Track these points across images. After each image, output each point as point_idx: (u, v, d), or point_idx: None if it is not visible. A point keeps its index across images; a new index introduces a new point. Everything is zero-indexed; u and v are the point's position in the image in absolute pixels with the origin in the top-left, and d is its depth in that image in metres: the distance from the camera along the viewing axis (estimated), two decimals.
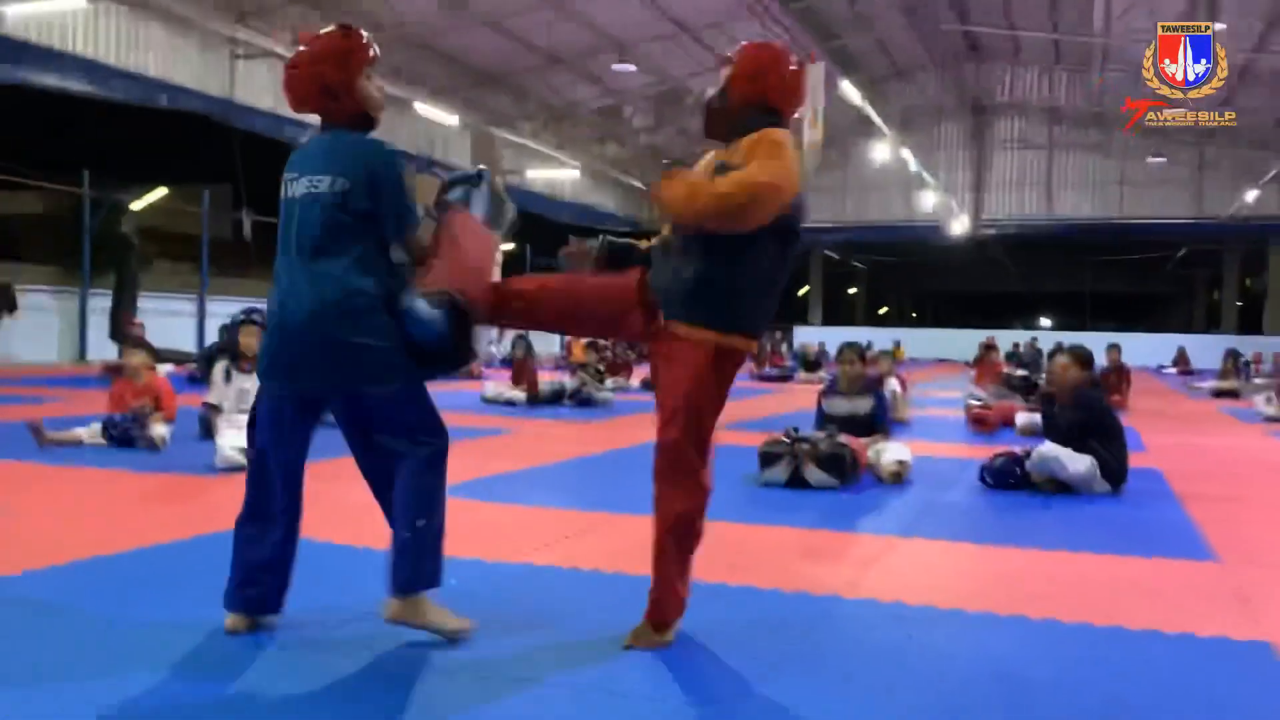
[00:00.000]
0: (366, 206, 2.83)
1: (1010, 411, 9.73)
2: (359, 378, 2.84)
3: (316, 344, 2.80)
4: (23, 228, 28.22)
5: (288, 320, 2.84)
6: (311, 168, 2.88)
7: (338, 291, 2.79)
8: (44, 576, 3.48)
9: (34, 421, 6.62)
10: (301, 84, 2.94)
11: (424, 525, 2.87)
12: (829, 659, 2.89)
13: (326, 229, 2.82)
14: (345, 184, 2.82)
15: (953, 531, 4.84)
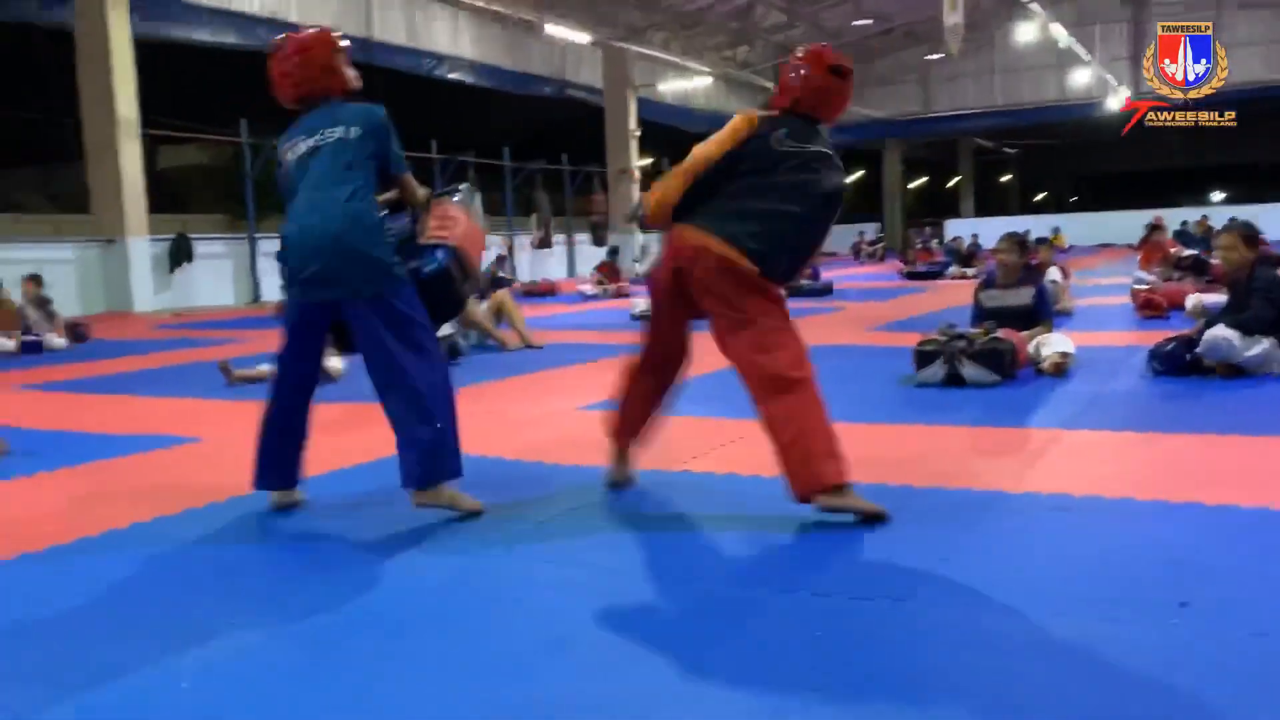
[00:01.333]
0: (373, 148, 3.45)
1: (1180, 293, 9.30)
2: (377, 281, 3.33)
3: (340, 255, 3.31)
4: (190, 180, 29.78)
5: (308, 240, 3.36)
6: (319, 127, 3.46)
7: (354, 213, 3.34)
8: (245, 502, 3.77)
9: (222, 361, 7.11)
10: (304, 68, 3.53)
11: (442, 425, 3.35)
12: (996, 551, 2.92)
13: (343, 166, 3.40)
14: (358, 131, 3.44)
15: (1119, 421, 4.73)
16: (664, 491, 3.71)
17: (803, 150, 3.40)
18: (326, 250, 3.31)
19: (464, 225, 3.72)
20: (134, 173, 14.92)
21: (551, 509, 3.51)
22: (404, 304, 3.37)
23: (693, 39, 27.37)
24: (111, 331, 11.90)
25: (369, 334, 3.36)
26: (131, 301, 14.78)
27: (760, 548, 3.07)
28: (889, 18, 29.97)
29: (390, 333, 3.33)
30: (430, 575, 2.92)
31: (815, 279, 14.85)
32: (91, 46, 14.55)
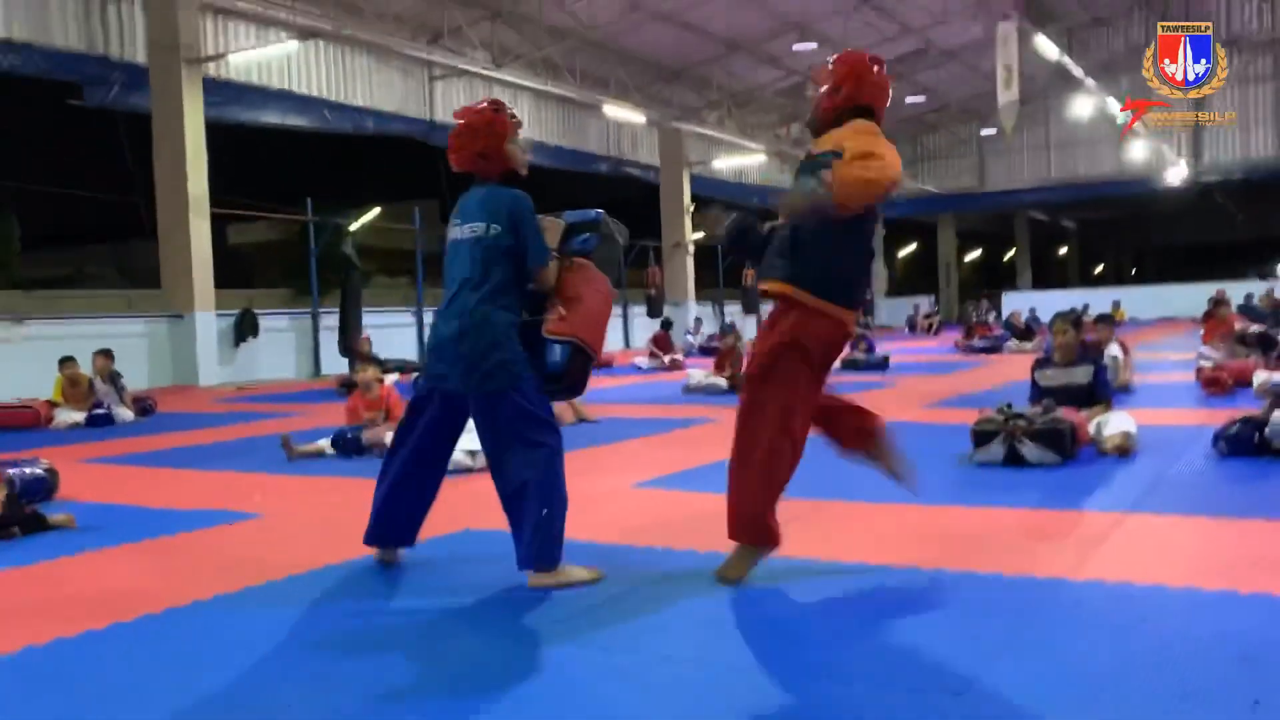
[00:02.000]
0: (510, 243, 3.63)
1: (1246, 370, 9.11)
2: (496, 381, 3.56)
3: (462, 359, 3.58)
4: (256, 256, 30.60)
5: (438, 338, 3.69)
6: (471, 216, 3.71)
7: (481, 317, 3.58)
8: (304, 581, 3.82)
9: (284, 436, 7.24)
10: (460, 150, 3.78)
11: (546, 514, 3.52)
12: (1057, 643, 2.85)
13: (482, 264, 3.63)
14: (497, 228, 3.63)
15: (1185, 505, 4.62)
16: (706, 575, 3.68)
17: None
18: (449, 352, 3.62)
19: (586, 302, 3.75)
20: (203, 249, 15.38)
21: (604, 593, 3.51)
22: (522, 398, 3.58)
23: (745, 117, 27.74)
24: (177, 405, 12.18)
25: (485, 426, 3.64)
26: (197, 375, 15.13)
27: (813, 636, 3.03)
28: (943, 94, 30.17)
29: (504, 428, 3.58)
30: (489, 657, 2.92)
31: (870, 352, 14.78)
32: (166, 130, 15.14)
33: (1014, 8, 19.22)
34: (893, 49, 25.00)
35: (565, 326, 3.67)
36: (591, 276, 3.81)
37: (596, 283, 3.81)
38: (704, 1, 20.38)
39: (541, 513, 3.50)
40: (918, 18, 23.12)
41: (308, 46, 17.18)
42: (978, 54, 26.26)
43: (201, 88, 15.35)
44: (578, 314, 3.71)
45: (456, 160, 3.79)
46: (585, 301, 3.74)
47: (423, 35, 18.39)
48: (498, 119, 3.75)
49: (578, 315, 3.70)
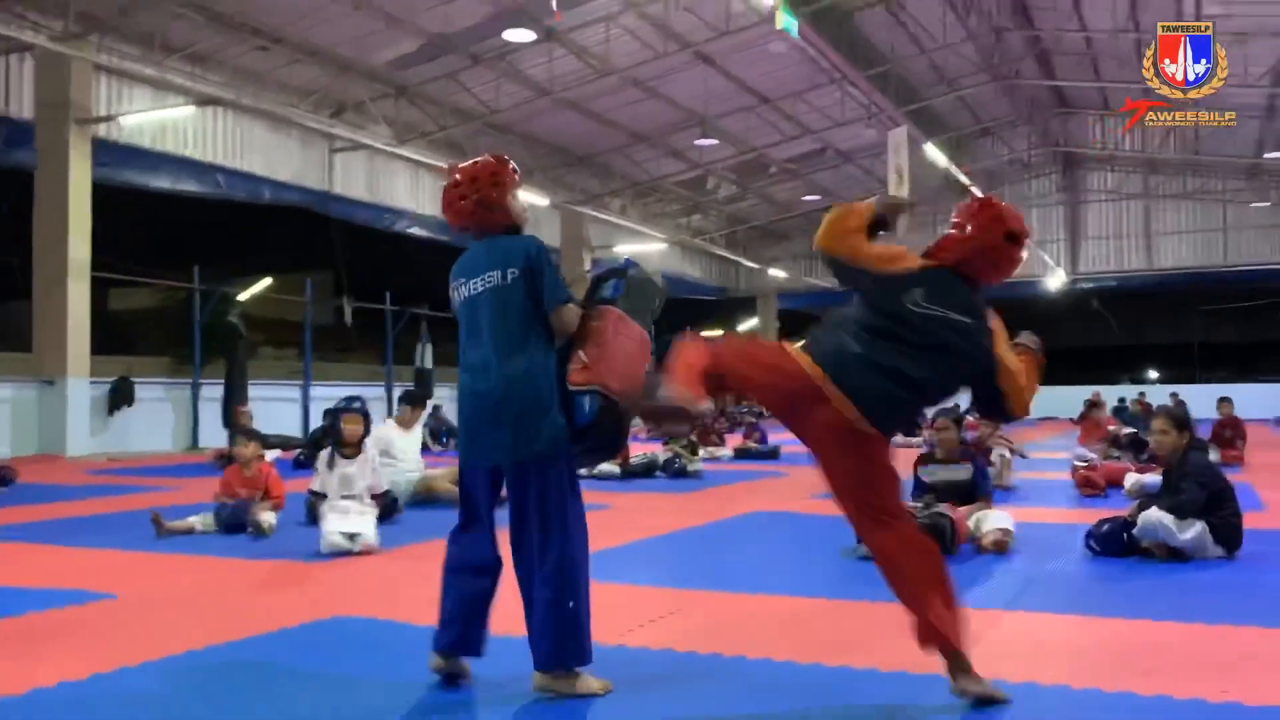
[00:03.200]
0: (531, 288, 3.32)
1: (1118, 472, 9.44)
2: (537, 446, 3.23)
3: (503, 423, 3.25)
4: (137, 322, 29.60)
5: (476, 402, 3.33)
6: (482, 269, 3.38)
7: (517, 374, 3.27)
8: (160, 666, 3.60)
9: (154, 512, 6.91)
10: (461, 201, 3.45)
11: (573, 606, 3.19)
12: None
13: (506, 316, 3.32)
14: (515, 272, 3.33)
15: (1058, 603, 4.71)
16: (598, 668, 3.59)
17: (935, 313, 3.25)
18: (491, 415, 3.28)
19: (612, 348, 3.34)
20: (80, 314, 14.82)
21: (493, 689, 3.38)
22: (567, 467, 3.30)
23: (648, 206, 28.24)
24: (40, 475, 11.56)
25: (523, 497, 3.29)
26: (65, 444, 14.43)
27: None
28: (836, 194, 31.19)
29: (551, 500, 3.25)
30: None
31: (762, 442, 14.92)
32: (50, 189, 14.66)
33: (904, 118, 20.12)
34: (791, 149, 25.90)
35: (589, 375, 3.29)
36: (619, 323, 3.39)
37: (625, 328, 3.39)
38: (609, 93, 20.81)
39: (568, 605, 3.18)
40: (815, 120, 23.98)
41: (205, 111, 16.92)
42: (871, 158, 27.34)
43: (90, 148, 14.95)
44: (603, 361, 3.31)
45: (456, 213, 3.47)
46: (611, 347, 3.33)
47: (325, 108, 18.31)
48: (501, 169, 3.47)
49: (603, 362, 3.30)
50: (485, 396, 3.29)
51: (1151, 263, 32.05)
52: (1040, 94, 26.69)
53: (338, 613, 4.48)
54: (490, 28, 17.26)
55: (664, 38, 18.02)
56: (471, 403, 3.35)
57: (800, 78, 21.71)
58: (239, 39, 16.05)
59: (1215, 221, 31.12)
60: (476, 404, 3.32)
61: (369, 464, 6.90)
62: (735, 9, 16.87)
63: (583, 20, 17.35)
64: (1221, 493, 5.73)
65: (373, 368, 27.69)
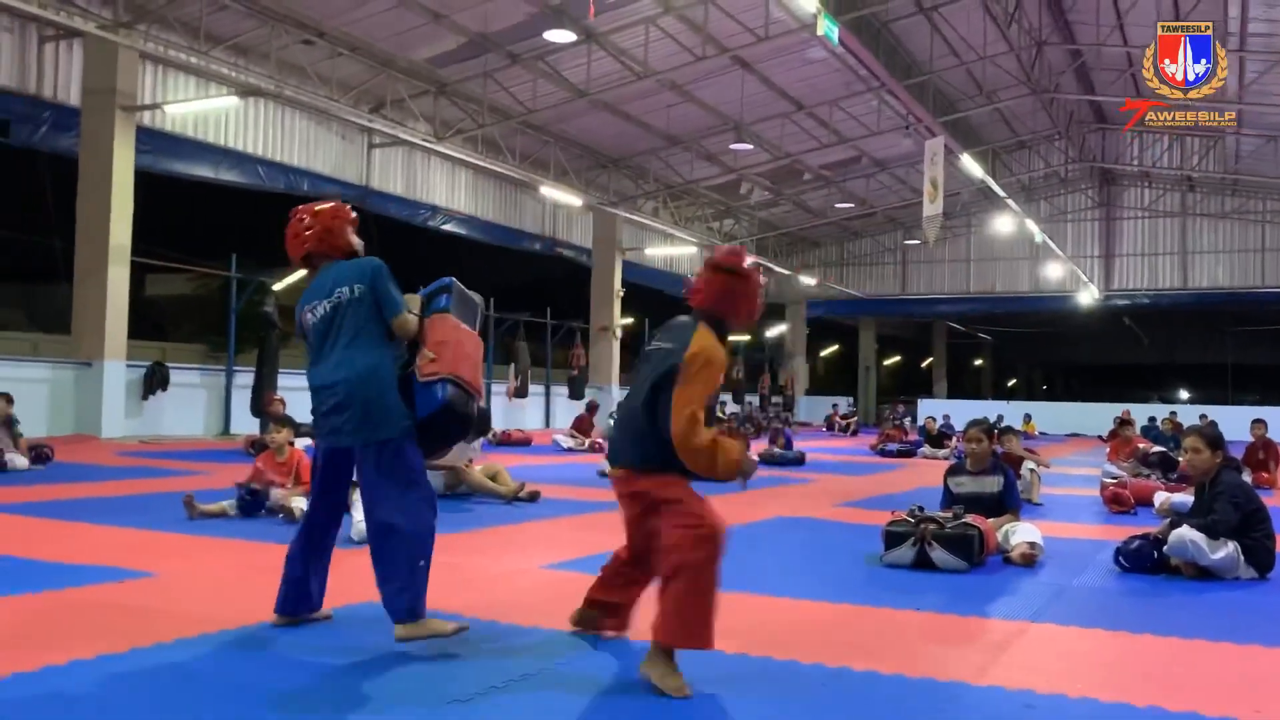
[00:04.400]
0: (372, 299, 3.83)
1: (1148, 490, 9.38)
2: (382, 430, 3.70)
3: (353, 409, 3.72)
4: (172, 309, 29.95)
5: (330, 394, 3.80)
6: (328, 290, 3.88)
7: (366, 367, 3.76)
8: (194, 644, 3.67)
9: (187, 495, 7.01)
10: (305, 233, 3.98)
11: (423, 565, 3.67)
12: None
13: (353, 322, 3.82)
14: (361, 287, 3.85)
15: (1086, 617, 4.70)
16: (626, 660, 3.63)
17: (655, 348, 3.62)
18: (342, 404, 3.75)
19: (453, 346, 3.84)
20: (119, 298, 15.02)
21: (502, 674, 3.43)
22: (408, 447, 3.74)
23: (680, 208, 28.26)
24: (75, 455, 11.74)
25: (368, 478, 3.74)
26: (100, 426, 14.63)
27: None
28: (870, 203, 31.14)
29: (386, 474, 3.70)
30: None
31: (789, 448, 14.92)
32: (94, 175, 14.87)
33: (941, 129, 20.03)
34: (826, 156, 25.85)
35: (438, 366, 3.78)
36: (455, 325, 3.93)
37: (462, 329, 3.94)
38: (646, 95, 20.86)
39: (418, 564, 3.64)
40: (851, 128, 23.94)
41: (247, 103, 17.13)
42: (906, 167, 27.24)
43: (134, 135, 15.15)
44: (447, 354, 3.81)
45: (300, 244, 3.98)
46: (452, 344, 3.85)
47: (365, 103, 18.47)
48: (342, 209, 4.06)
49: (448, 355, 3.81)
50: (334, 390, 3.76)
51: (1186, 281, 31.76)
52: (1079, 109, 26.52)
53: (366, 598, 4.53)
54: (531, 28, 17.36)
55: (703, 41, 18.05)
56: (325, 396, 3.81)
57: (837, 85, 21.68)
58: (282, 31, 16.23)
59: (1253, 242, 30.80)
60: (328, 396, 3.79)
61: None
62: (775, 15, 16.87)
63: (622, 22, 17.41)
64: (1255, 513, 5.70)
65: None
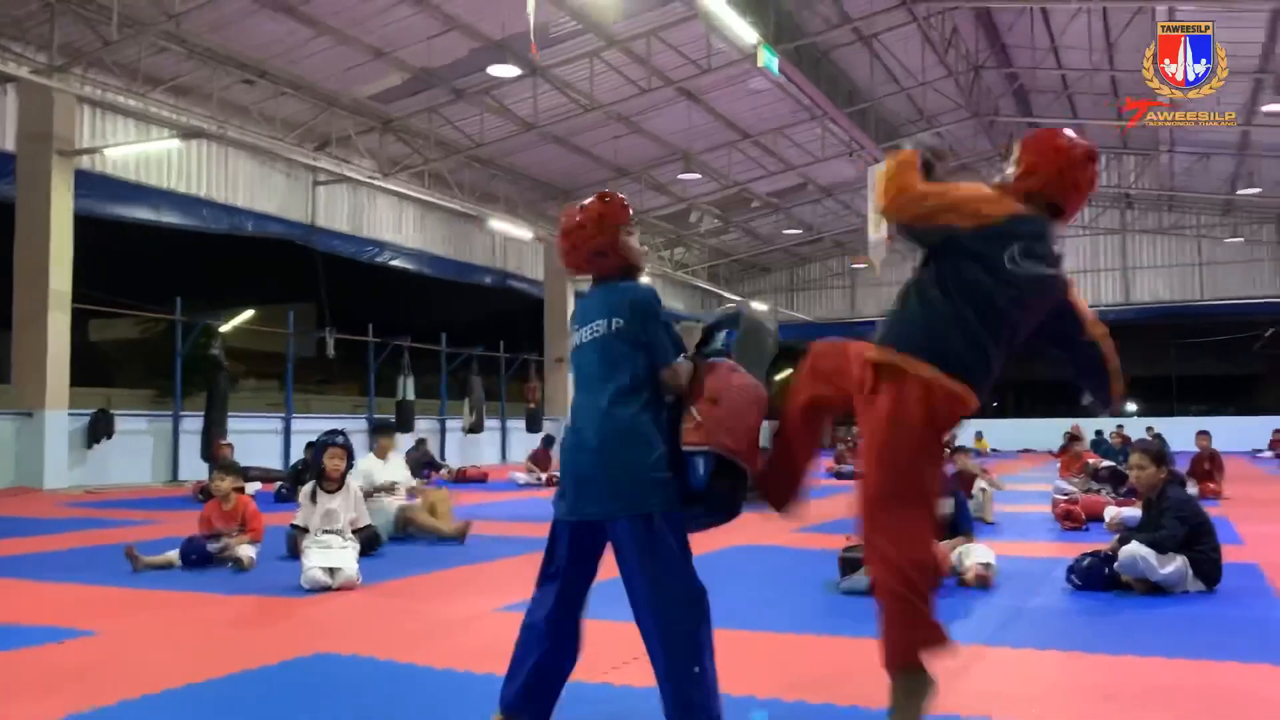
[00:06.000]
0: (638, 337, 3.13)
1: (1098, 506, 9.50)
2: (638, 502, 2.99)
3: (600, 469, 3.03)
4: (118, 353, 29.46)
5: (572, 451, 3.13)
6: (592, 316, 3.22)
7: (616, 420, 3.05)
8: (138, 706, 3.57)
9: (129, 547, 6.84)
10: (574, 251, 3.30)
11: (699, 670, 2.94)
12: None
13: (610, 364, 3.12)
14: (620, 322, 3.15)
15: (1040, 638, 4.72)
16: (582, 708, 3.57)
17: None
18: (586, 464, 3.07)
19: (725, 405, 3.13)
20: (60, 346, 14.71)
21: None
22: (678, 526, 3.04)
23: None
24: (15, 509, 11.44)
25: (626, 560, 3.03)
26: (42, 477, 14.29)
27: None
28: (818, 229, 31.46)
29: (662, 559, 2.98)
30: None
31: None
32: (31, 220, 14.59)
33: (883, 155, 20.30)
34: (773, 184, 26.10)
35: (702, 435, 3.07)
36: (733, 376, 3.20)
37: (739, 382, 3.19)
38: (593, 127, 20.96)
39: (693, 670, 2.93)
40: (797, 156, 24.20)
41: (190, 144, 16.93)
42: (851, 193, 27.58)
43: (72, 179, 14.91)
44: (716, 419, 3.09)
45: (571, 261, 3.33)
46: (724, 404, 3.12)
47: (310, 141, 18.36)
48: (608, 209, 3.31)
49: (716, 421, 3.09)
50: (588, 444, 3.08)
51: (1128, 296, 32.39)
52: (1018, 131, 27.02)
53: (319, 649, 4.45)
54: (474, 62, 17.39)
55: (648, 74, 18.18)
56: (572, 456, 3.15)
57: (781, 114, 21.93)
58: (223, 72, 16.11)
59: (1190, 256, 31.52)
60: (577, 455, 3.12)
61: (352, 497, 6.87)
62: (717, 46, 17.05)
63: (566, 56, 17.50)
64: (1201, 527, 5.78)
65: (355, 400, 27.65)
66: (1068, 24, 18.94)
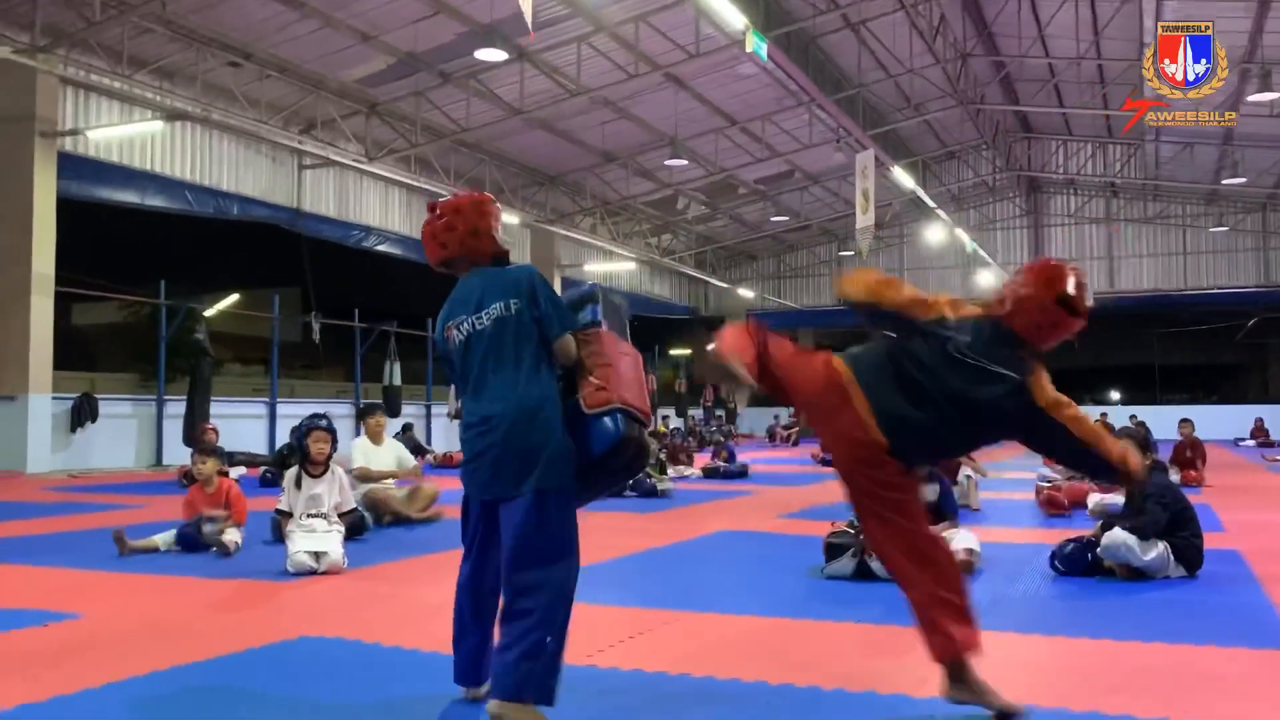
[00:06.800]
0: (534, 315, 3.27)
1: (1082, 492, 9.55)
2: (543, 480, 3.13)
3: (510, 452, 3.16)
4: (101, 338, 29.28)
5: (480, 431, 3.23)
6: (482, 303, 3.31)
7: (526, 400, 3.18)
8: (123, 689, 3.57)
9: (117, 530, 6.83)
10: (448, 232, 3.43)
11: (553, 640, 3.07)
12: None
13: (513, 346, 3.24)
14: (518, 303, 3.28)
15: (1023, 623, 4.76)
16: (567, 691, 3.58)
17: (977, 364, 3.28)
18: (498, 445, 3.17)
19: (623, 367, 3.32)
20: (43, 330, 14.62)
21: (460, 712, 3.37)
22: (569, 502, 3.21)
23: (618, 225, 28.31)
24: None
25: (516, 526, 3.14)
26: (25, 461, 14.22)
27: None
28: (805, 216, 31.47)
29: (537, 530, 3.12)
30: None
31: (731, 460, 14.97)
32: (13, 203, 14.48)
33: (871, 141, 20.33)
34: (760, 170, 26.08)
35: (608, 395, 3.22)
36: (614, 343, 3.37)
37: (625, 350, 3.39)
38: (580, 113, 20.90)
39: (546, 638, 3.04)
40: (784, 143, 24.19)
41: (174, 126, 16.81)
42: (839, 179, 27.60)
43: (55, 162, 14.79)
44: (615, 379, 3.26)
45: (443, 245, 3.43)
46: (619, 367, 3.30)
47: (295, 124, 18.25)
48: (484, 199, 3.51)
49: (616, 381, 3.26)
50: (495, 429, 3.18)
51: (1113, 285, 32.52)
52: (1005, 119, 27.08)
53: (304, 633, 4.45)
54: (461, 46, 17.30)
55: (635, 59, 18.12)
56: (476, 435, 3.23)
57: (769, 100, 21.91)
58: (208, 54, 15.98)
59: (1175, 246, 31.67)
60: (487, 436, 3.20)
61: (336, 482, 6.86)
62: (705, 31, 17.01)
63: (554, 40, 17.42)
64: (1183, 513, 5.83)
65: (341, 385, 27.54)
66: (1055, 12, 18.96)
